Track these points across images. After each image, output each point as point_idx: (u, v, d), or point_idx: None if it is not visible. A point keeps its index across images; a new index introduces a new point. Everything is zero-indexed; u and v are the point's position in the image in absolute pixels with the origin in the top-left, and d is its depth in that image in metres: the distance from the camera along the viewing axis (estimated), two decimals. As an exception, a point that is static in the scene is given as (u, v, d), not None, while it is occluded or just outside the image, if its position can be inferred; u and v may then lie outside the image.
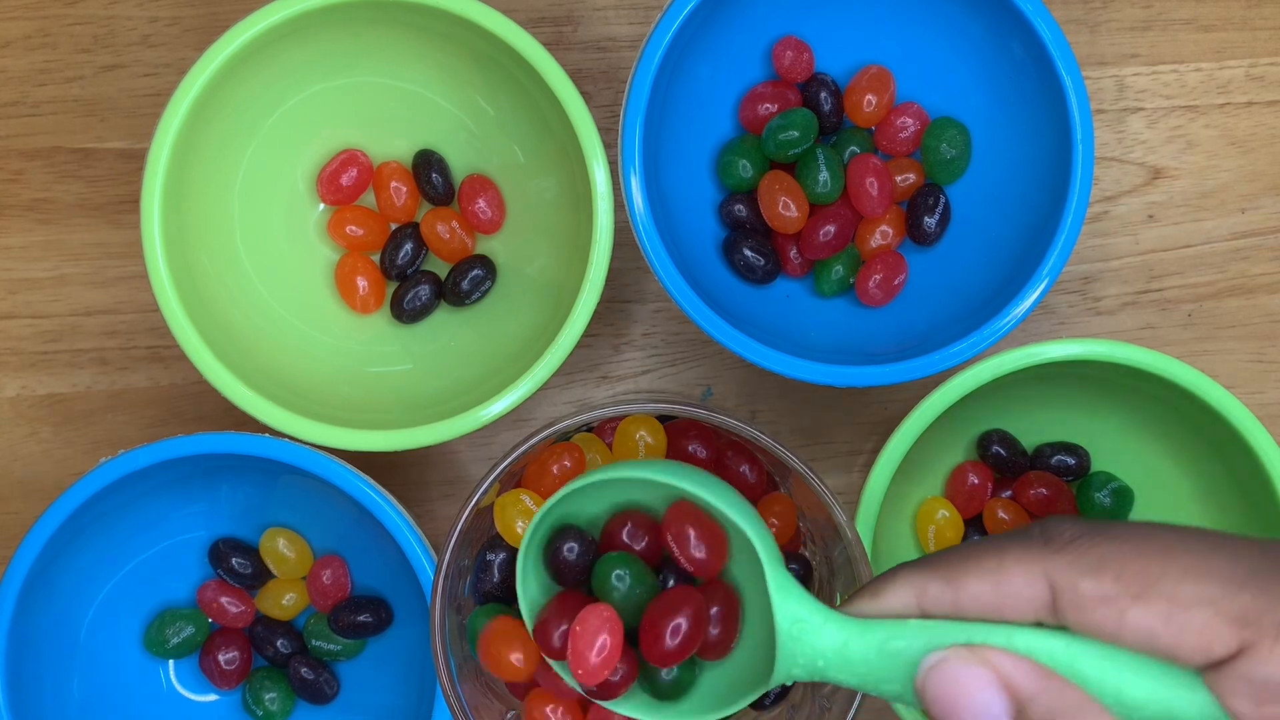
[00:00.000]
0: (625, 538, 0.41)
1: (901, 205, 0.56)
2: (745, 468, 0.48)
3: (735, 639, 0.39)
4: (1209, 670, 0.31)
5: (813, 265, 0.56)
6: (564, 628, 0.40)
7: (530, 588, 0.41)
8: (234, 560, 0.54)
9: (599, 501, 0.42)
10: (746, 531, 0.38)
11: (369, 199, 0.56)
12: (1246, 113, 0.59)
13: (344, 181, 0.55)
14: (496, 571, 0.46)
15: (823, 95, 0.55)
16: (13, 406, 0.57)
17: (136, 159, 0.57)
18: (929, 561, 0.34)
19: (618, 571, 0.40)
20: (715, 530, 0.40)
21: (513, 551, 0.46)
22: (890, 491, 0.51)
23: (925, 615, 0.34)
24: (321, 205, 0.56)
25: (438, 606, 0.42)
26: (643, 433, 0.47)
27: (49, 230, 0.57)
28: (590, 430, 0.48)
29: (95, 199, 0.57)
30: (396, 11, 0.50)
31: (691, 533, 0.40)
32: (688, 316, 0.50)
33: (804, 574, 0.48)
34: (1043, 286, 0.50)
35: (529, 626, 0.41)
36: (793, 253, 0.55)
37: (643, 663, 0.41)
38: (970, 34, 0.54)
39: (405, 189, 0.55)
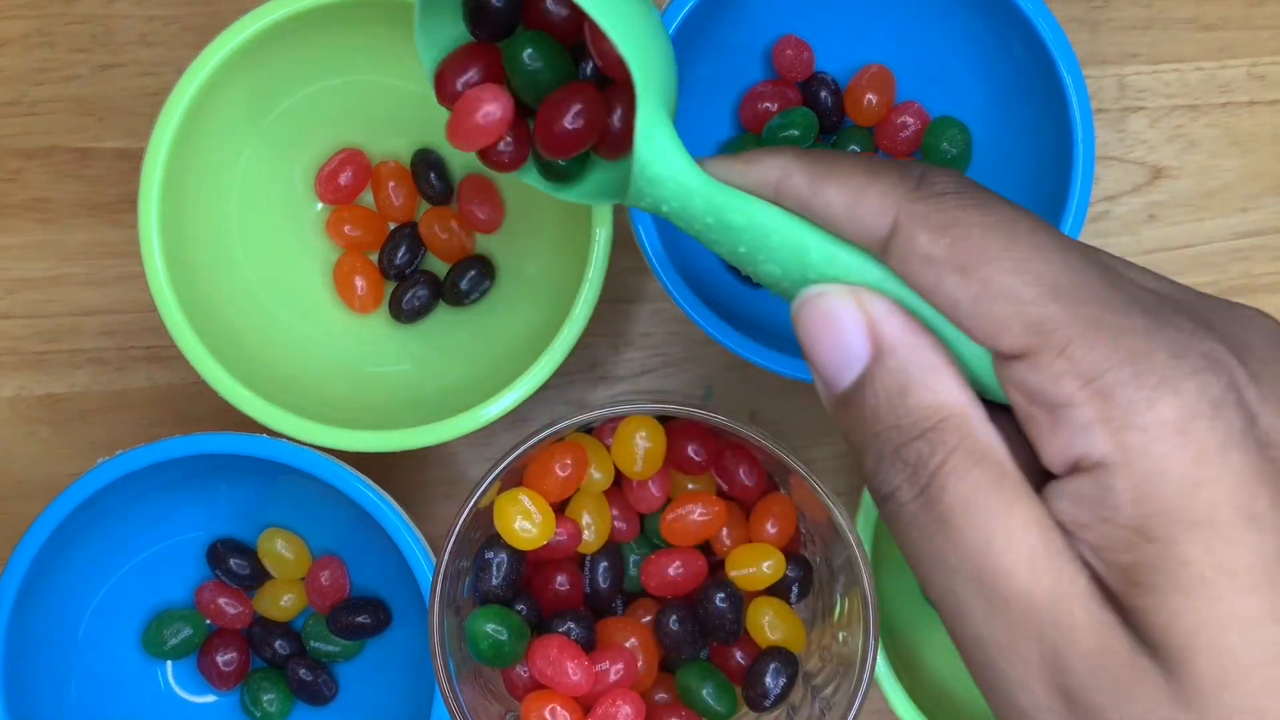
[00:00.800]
0: (549, 10, 0.40)
1: (902, 205, 0.56)
2: (744, 469, 0.48)
3: (631, 143, 0.38)
4: (998, 359, 0.31)
5: (813, 265, 0.56)
6: (469, 77, 0.39)
7: (439, 32, 0.41)
8: (232, 561, 0.54)
9: None
10: (628, 63, 0.36)
11: (367, 199, 0.56)
12: (1248, 112, 0.59)
13: (342, 181, 0.54)
14: (496, 571, 0.46)
15: (823, 94, 0.55)
16: (10, 406, 0.57)
17: (134, 158, 0.57)
18: (808, 154, 0.34)
19: (529, 51, 0.39)
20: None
21: (513, 552, 0.46)
22: (891, 492, 0.51)
23: (778, 199, 0.34)
24: (320, 204, 0.55)
25: (436, 607, 0.42)
26: (642, 434, 0.46)
27: (47, 230, 0.57)
28: (589, 431, 0.48)
29: (93, 198, 0.57)
30: (394, 9, 0.50)
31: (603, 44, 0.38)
32: (687, 316, 0.50)
33: (803, 575, 0.48)
34: (1044, 286, 0.50)
35: (428, 72, 0.40)
36: (793, 252, 0.55)
37: (534, 150, 0.41)
38: (971, 33, 0.53)
39: (403, 188, 0.55)
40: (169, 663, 0.55)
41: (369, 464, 0.52)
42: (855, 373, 0.33)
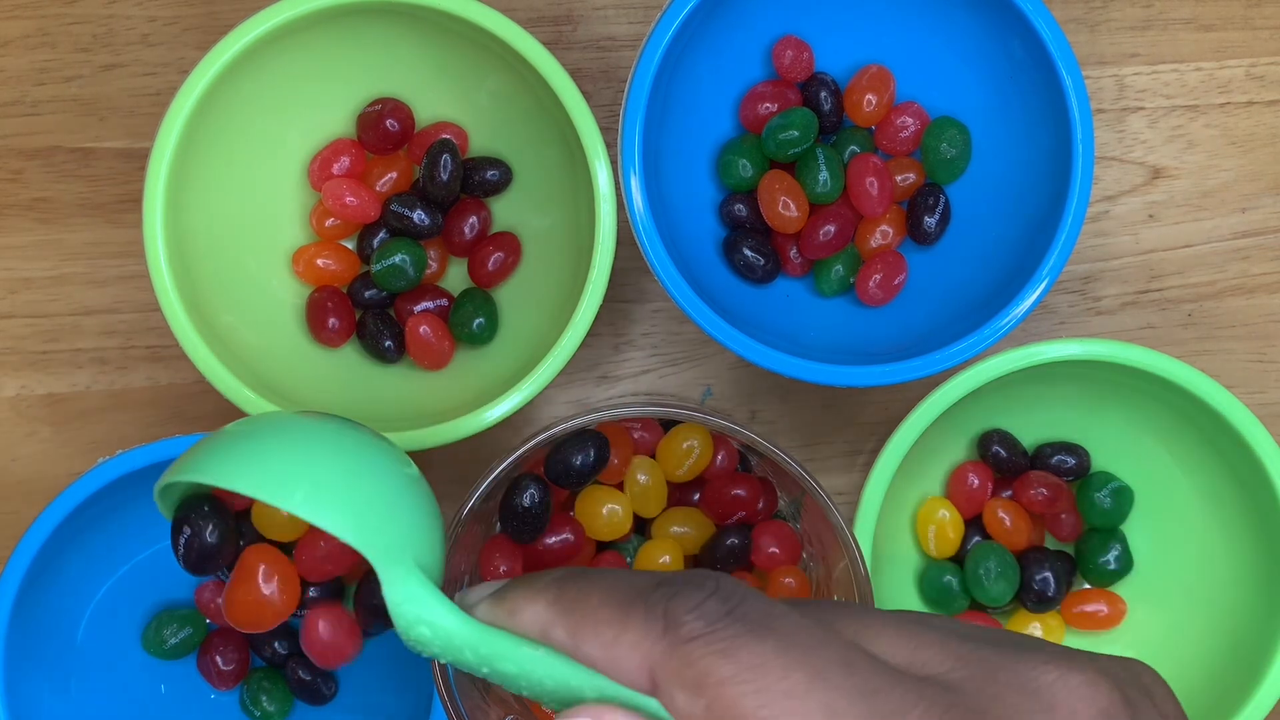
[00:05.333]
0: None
1: (902, 205, 0.56)
2: (741, 490, 0.48)
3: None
4: None
5: (813, 265, 0.56)
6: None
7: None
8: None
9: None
10: (358, 548, 0.35)
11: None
12: (1247, 112, 0.59)
13: (335, 170, 0.54)
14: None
15: (823, 95, 0.55)
16: (11, 406, 0.57)
17: (136, 158, 0.57)
18: (562, 601, 0.32)
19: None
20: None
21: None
22: (890, 491, 0.51)
23: (548, 644, 0.32)
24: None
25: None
26: (642, 476, 0.47)
27: (48, 230, 0.57)
28: (590, 431, 0.48)
29: (94, 198, 0.57)
30: (399, 12, 0.50)
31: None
32: (687, 316, 0.50)
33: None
34: (1043, 286, 0.50)
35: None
36: (793, 252, 0.55)
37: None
38: (970, 33, 0.54)
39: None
40: (169, 662, 0.55)
41: (369, 464, 0.52)
42: None
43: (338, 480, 0.35)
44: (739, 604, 0.29)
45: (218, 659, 0.54)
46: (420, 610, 0.34)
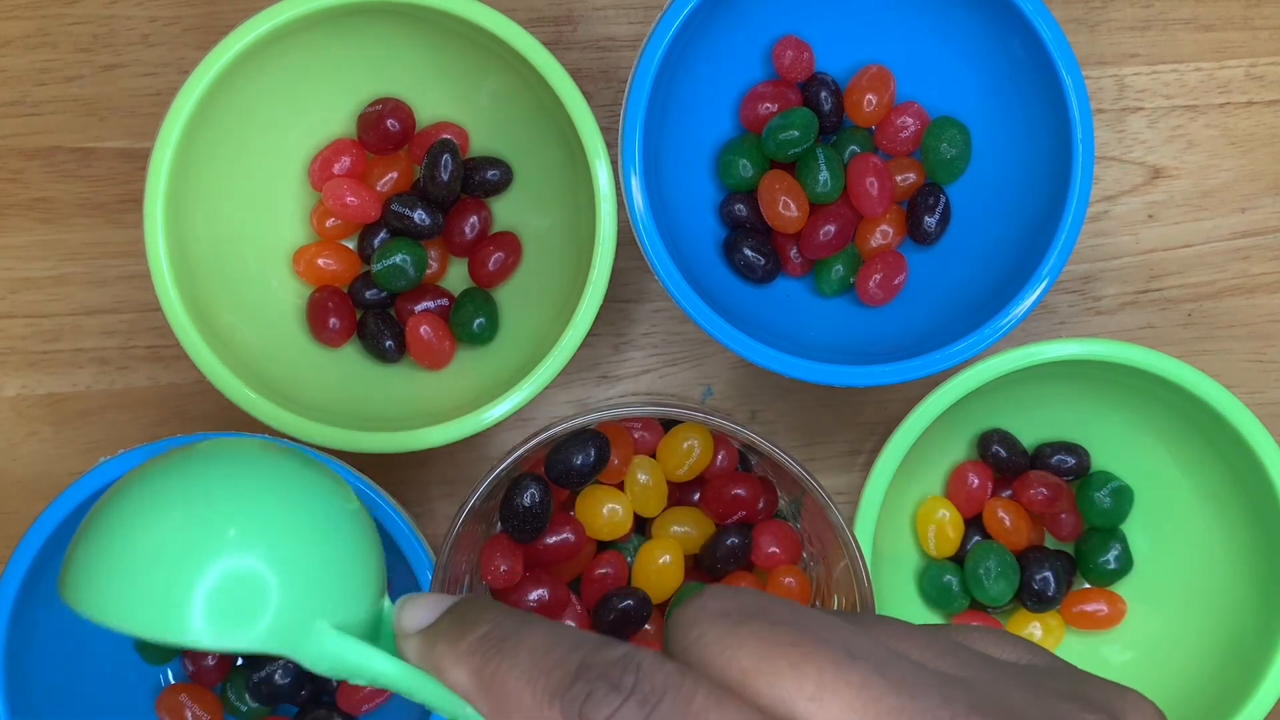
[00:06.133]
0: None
1: (902, 205, 0.56)
2: (741, 490, 0.48)
3: None
4: None
5: (813, 265, 0.56)
6: None
7: None
8: None
9: None
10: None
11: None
12: (1246, 112, 0.59)
13: (336, 169, 0.54)
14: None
15: (823, 95, 0.55)
16: (12, 406, 0.57)
17: (136, 158, 0.57)
18: (480, 678, 0.30)
19: None
20: None
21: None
22: (890, 491, 0.51)
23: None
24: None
25: (437, 607, 0.42)
26: (642, 475, 0.47)
27: (48, 230, 0.57)
28: (590, 431, 0.48)
29: (95, 198, 0.57)
30: (399, 13, 0.50)
31: None
32: (688, 316, 0.50)
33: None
34: (1043, 286, 0.50)
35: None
36: (793, 252, 0.55)
37: None
38: (970, 33, 0.54)
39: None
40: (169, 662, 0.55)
41: (370, 463, 0.52)
42: None
43: (228, 587, 0.32)
44: (656, 706, 0.28)
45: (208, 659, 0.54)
46: (339, 668, 0.33)
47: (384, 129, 0.54)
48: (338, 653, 0.33)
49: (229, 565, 0.32)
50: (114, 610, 0.33)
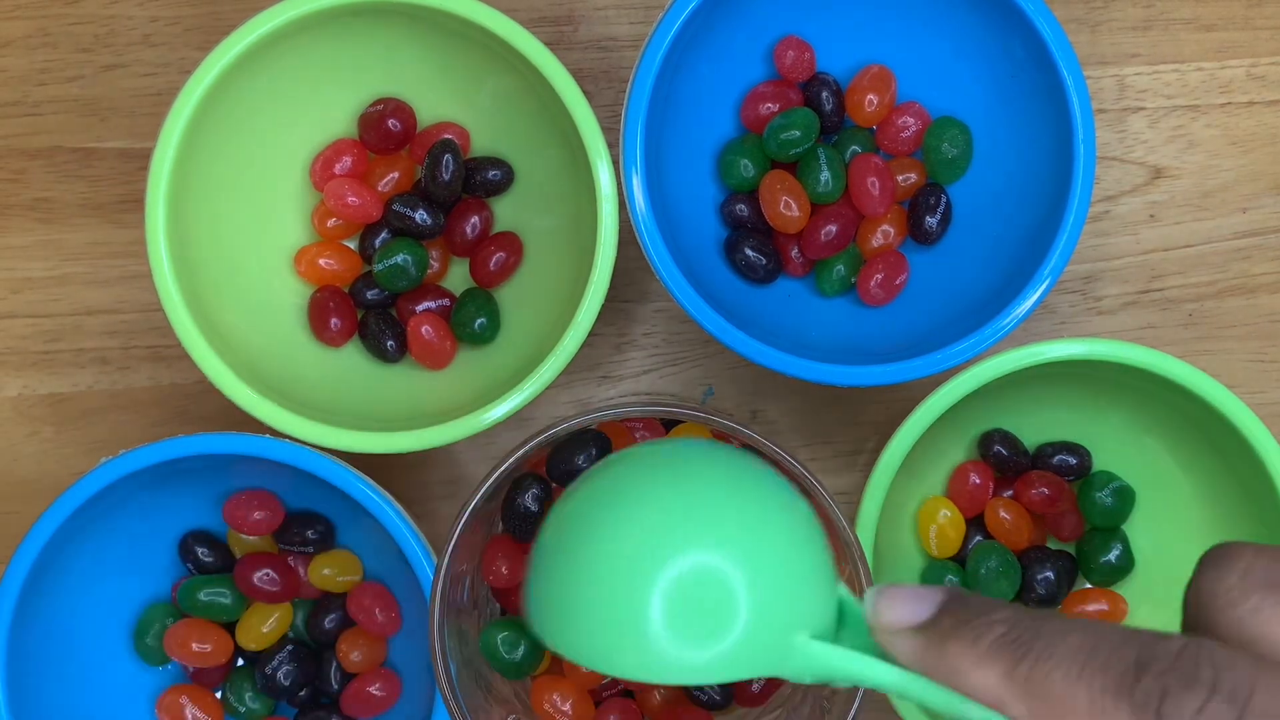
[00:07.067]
0: None
1: (903, 205, 0.56)
2: None
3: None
4: None
5: (814, 265, 0.56)
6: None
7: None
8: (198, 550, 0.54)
9: None
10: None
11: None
12: (1248, 112, 0.59)
13: (337, 169, 0.54)
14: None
15: (824, 95, 0.55)
16: (13, 406, 0.57)
17: (137, 158, 0.57)
18: (1015, 679, 0.28)
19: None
20: None
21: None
22: (892, 491, 0.51)
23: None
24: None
25: (437, 609, 0.42)
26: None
27: (50, 230, 0.57)
28: (592, 431, 0.48)
29: (96, 198, 0.57)
30: (401, 13, 0.50)
31: None
32: (689, 316, 0.50)
33: None
34: (1044, 286, 0.50)
35: None
36: (794, 252, 0.55)
37: None
38: (971, 33, 0.54)
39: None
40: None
41: (370, 463, 0.52)
42: None
43: (706, 625, 0.31)
44: (1249, 702, 0.25)
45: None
46: (823, 673, 0.32)
47: (385, 129, 0.54)
48: (825, 662, 0.32)
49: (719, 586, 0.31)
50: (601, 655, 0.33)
